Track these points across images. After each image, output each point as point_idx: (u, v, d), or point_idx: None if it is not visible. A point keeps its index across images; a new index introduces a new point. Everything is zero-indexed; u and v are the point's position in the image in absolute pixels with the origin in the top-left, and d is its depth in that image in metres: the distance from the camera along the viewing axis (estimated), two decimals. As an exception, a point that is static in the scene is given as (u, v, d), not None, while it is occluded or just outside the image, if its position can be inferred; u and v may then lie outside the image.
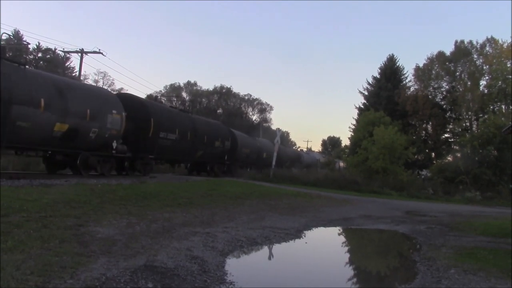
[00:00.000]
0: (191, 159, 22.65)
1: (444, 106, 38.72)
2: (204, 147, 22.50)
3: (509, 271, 5.79)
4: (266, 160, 33.42)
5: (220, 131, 25.62)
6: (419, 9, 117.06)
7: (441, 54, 38.69)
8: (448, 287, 5.16)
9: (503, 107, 35.65)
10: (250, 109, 70.06)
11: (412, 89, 40.98)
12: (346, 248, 9.10)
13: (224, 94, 66.36)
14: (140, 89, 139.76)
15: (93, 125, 14.05)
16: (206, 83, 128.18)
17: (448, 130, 39.32)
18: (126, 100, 16.76)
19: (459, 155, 31.62)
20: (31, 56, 39.76)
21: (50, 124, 12.34)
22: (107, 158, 15.32)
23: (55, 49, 38.50)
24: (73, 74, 38.31)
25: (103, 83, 52.17)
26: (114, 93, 22.67)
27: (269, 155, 32.60)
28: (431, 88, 39.42)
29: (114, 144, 15.10)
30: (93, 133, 14.08)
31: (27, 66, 13.62)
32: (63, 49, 35.86)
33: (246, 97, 68.92)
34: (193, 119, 22.81)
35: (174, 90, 65.15)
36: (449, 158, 35.36)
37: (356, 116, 44.15)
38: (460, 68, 37.94)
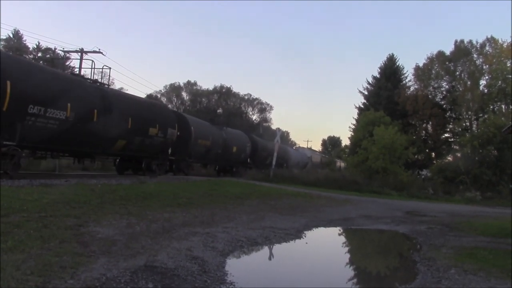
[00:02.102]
0: (107, 150, 16.11)
1: (444, 106, 38.72)
2: (128, 134, 16.12)
3: (509, 271, 5.79)
4: (236, 156, 27.99)
5: (160, 115, 18.99)
6: (419, 9, 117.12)
7: (441, 54, 38.69)
8: (449, 287, 5.16)
9: (503, 106, 35.67)
10: (250, 108, 70.00)
11: (412, 88, 41.07)
12: (347, 248, 9.10)
13: (224, 93, 66.28)
14: (140, 89, 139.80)
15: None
16: (206, 83, 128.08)
17: (448, 130, 39.34)
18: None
19: (459, 155, 31.61)
20: (31, 56, 39.70)
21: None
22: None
23: (55, 48, 38.47)
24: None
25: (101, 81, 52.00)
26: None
27: (241, 149, 28.13)
28: (431, 87, 39.43)
29: None
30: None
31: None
32: (63, 48, 35.89)
33: (246, 97, 68.86)
34: (105, 91, 15.73)
35: (174, 89, 65.06)
36: (449, 158, 35.39)
37: (356, 116, 44.23)
38: (460, 67, 37.94)
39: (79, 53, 28.97)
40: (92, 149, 15.32)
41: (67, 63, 42.49)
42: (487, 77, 36.74)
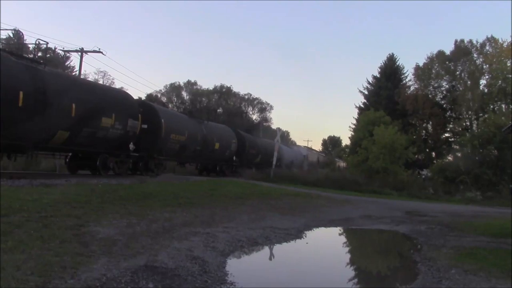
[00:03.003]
0: (42, 143, 12.98)
1: (444, 106, 38.74)
2: (72, 124, 13.19)
3: (510, 271, 5.79)
4: (219, 153, 25.14)
5: (117, 103, 15.69)
6: (419, 9, 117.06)
7: (441, 54, 38.70)
8: (449, 287, 5.15)
9: (503, 106, 35.66)
10: (250, 108, 70.03)
11: (412, 88, 41.05)
12: (347, 249, 9.10)
13: (224, 93, 66.30)
14: (140, 89, 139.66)
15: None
16: (206, 83, 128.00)
17: (448, 129, 39.35)
18: None
19: (459, 154, 31.62)
20: (31, 56, 39.72)
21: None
22: None
23: (55, 48, 38.44)
24: (73, 73, 38.29)
25: (103, 82, 52.10)
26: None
27: (225, 146, 25.37)
28: (431, 87, 39.45)
29: None
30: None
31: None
32: (63, 48, 35.85)
33: (246, 97, 68.88)
34: (38, 71, 12.31)
35: (174, 89, 65.09)
36: (449, 158, 35.41)
37: (356, 116, 44.23)
38: (460, 67, 37.95)
39: (79, 53, 29.00)
40: (21, 141, 11.93)
41: (67, 63, 42.51)
42: (487, 77, 36.79)
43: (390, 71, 42.96)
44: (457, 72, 38.25)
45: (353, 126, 43.40)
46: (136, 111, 16.73)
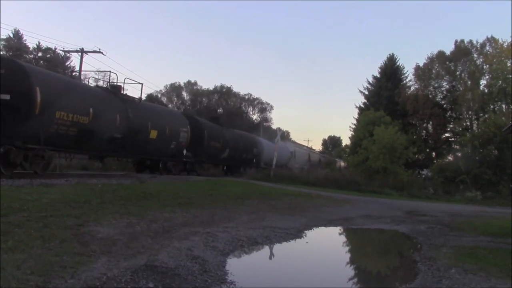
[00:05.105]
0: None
1: (445, 106, 38.72)
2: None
3: (510, 271, 5.79)
4: (156, 145, 18.44)
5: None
6: (419, 9, 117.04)
7: (441, 54, 38.68)
8: (449, 287, 5.16)
9: (504, 106, 35.64)
10: (250, 108, 70.08)
11: (412, 88, 41.04)
12: (347, 248, 9.10)
13: (224, 93, 66.35)
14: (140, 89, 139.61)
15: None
16: (207, 83, 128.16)
17: (449, 129, 39.33)
18: None
19: (459, 154, 31.60)
20: (31, 56, 39.73)
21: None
22: None
23: (55, 48, 38.48)
24: (74, 74, 38.30)
25: (103, 83, 52.05)
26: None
27: (167, 135, 18.85)
28: (431, 87, 39.43)
29: None
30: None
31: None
32: (63, 48, 35.90)
33: (246, 97, 68.95)
34: None
35: (174, 89, 65.13)
36: (449, 158, 35.41)
37: (356, 116, 44.22)
38: (460, 67, 37.93)
39: (79, 53, 29.01)
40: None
41: (67, 63, 42.50)
42: (487, 77, 36.76)
43: (390, 71, 42.94)
44: (457, 72, 38.23)
45: (353, 126, 43.42)
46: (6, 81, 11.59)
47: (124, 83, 18.94)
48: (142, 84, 19.44)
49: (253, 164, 30.55)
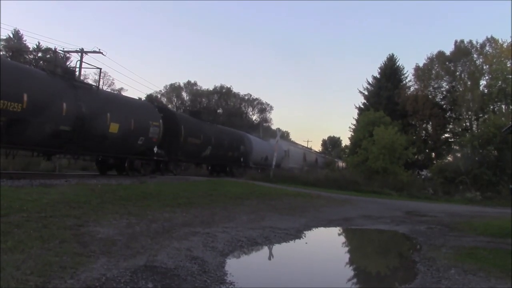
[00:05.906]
0: None
1: (444, 106, 38.73)
2: None
3: (509, 271, 5.80)
4: (118, 140, 15.37)
5: None
6: (419, 9, 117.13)
7: (441, 54, 38.69)
8: (448, 287, 5.16)
9: (503, 107, 35.64)
10: (250, 109, 70.05)
11: (412, 89, 41.04)
12: (346, 248, 9.10)
13: (224, 94, 66.31)
14: (140, 89, 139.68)
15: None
16: (206, 83, 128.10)
17: (448, 130, 39.34)
18: None
19: (459, 155, 31.60)
20: (31, 56, 39.72)
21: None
22: None
23: (55, 48, 38.46)
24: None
25: (103, 83, 52.04)
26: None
27: (132, 129, 15.65)
28: (431, 88, 39.43)
29: None
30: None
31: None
32: (63, 48, 35.87)
33: (246, 97, 68.88)
34: None
35: (174, 90, 65.10)
36: (449, 158, 35.36)
37: (356, 116, 44.23)
38: (460, 68, 37.93)
39: (79, 53, 29.01)
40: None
41: (67, 63, 42.52)
42: (487, 77, 36.75)
43: (390, 71, 42.96)
44: (457, 73, 38.23)
45: (353, 127, 43.43)
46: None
47: (80, 67, 16.90)
48: (100, 69, 17.42)
49: (240, 163, 27.26)
